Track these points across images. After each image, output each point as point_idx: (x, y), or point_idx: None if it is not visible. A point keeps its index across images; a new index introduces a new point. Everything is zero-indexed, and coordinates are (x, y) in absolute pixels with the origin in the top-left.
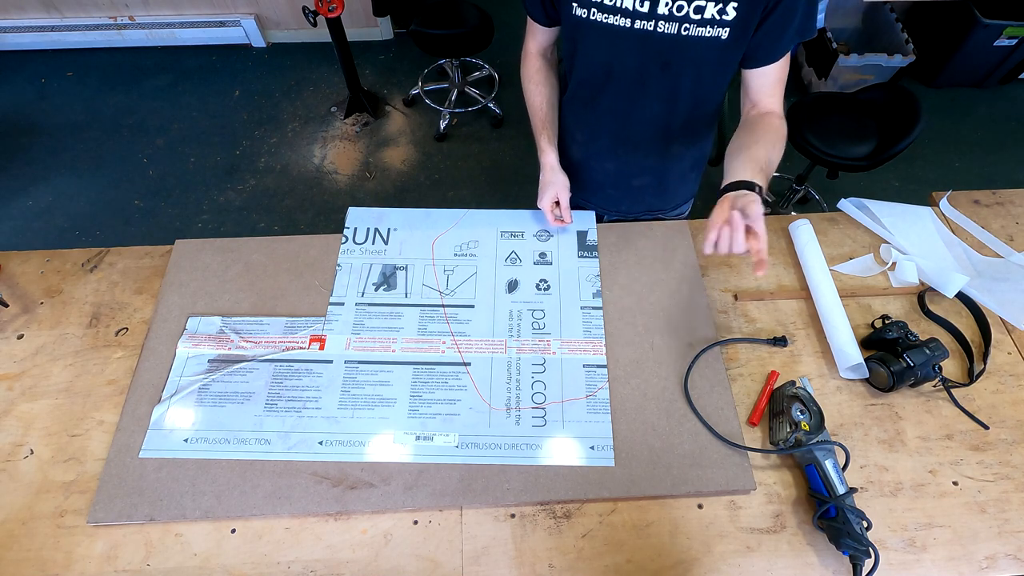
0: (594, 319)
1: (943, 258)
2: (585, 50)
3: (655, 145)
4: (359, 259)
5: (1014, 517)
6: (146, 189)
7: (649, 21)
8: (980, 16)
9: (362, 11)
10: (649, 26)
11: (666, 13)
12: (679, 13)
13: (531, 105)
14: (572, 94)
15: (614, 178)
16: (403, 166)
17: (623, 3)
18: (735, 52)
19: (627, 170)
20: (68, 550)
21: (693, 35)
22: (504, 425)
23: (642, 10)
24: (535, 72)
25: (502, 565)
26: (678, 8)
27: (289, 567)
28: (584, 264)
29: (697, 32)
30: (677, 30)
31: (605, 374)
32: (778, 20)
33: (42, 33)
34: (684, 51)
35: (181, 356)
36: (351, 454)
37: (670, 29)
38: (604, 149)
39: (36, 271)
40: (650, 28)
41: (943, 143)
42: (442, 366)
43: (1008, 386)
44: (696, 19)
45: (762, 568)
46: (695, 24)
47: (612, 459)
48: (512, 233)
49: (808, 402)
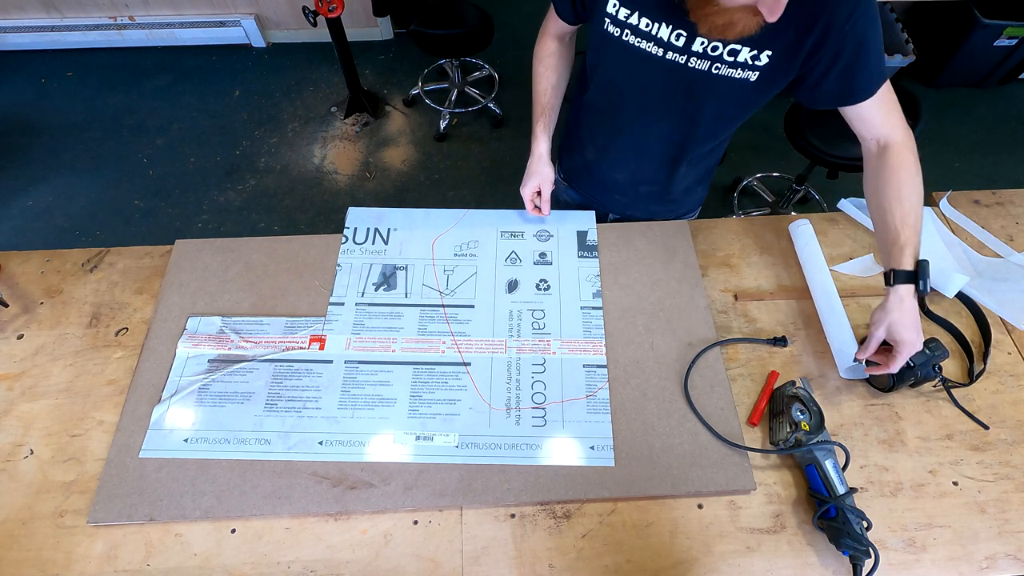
0: (594, 319)
1: (943, 258)
2: (611, 65)
3: (668, 161)
4: (359, 259)
5: (1014, 517)
6: (146, 189)
7: (682, 55)
8: (980, 16)
9: (362, 11)
10: (681, 59)
11: (700, 51)
12: (713, 53)
13: (536, 87)
14: (591, 99)
15: (623, 185)
16: (403, 166)
17: (658, 32)
18: (762, 94)
19: (637, 179)
20: (68, 550)
21: (723, 74)
22: (504, 425)
23: (676, 44)
24: (548, 55)
25: (502, 565)
26: (713, 48)
27: (289, 567)
28: (584, 264)
29: (727, 72)
30: (708, 68)
31: (605, 374)
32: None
33: (42, 33)
34: (711, 86)
35: (181, 356)
36: (351, 454)
37: (701, 66)
38: (617, 159)
39: (36, 271)
40: (681, 61)
41: (943, 143)
42: (442, 366)
43: (1008, 386)
44: (729, 60)
45: (762, 568)
46: (727, 65)
47: (612, 459)
48: (512, 233)
49: (808, 402)
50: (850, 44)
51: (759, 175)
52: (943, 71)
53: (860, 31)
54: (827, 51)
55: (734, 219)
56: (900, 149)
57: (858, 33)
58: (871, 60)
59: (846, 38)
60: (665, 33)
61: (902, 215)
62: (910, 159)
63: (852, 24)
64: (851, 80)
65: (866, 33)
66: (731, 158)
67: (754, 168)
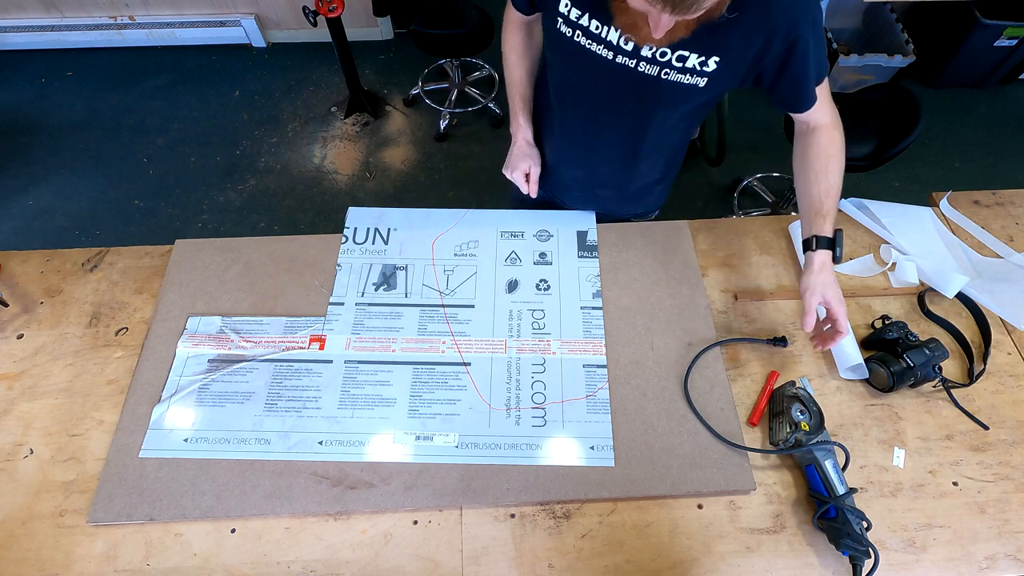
0: (594, 319)
1: (943, 258)
2: (564, 65)
3: (621, 161)
4: (359, 259)
5: (1014, 518)
6: (146, 189)
7: (631, 59)
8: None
9: (362, 11)
10: (630, 63)
11: (648, 56)
12: (661, 58)
13: (510, 77)
14: (549, 98)
15: (581, 183)
16: (403, 166)
17: (608, 35)
18: (710, 99)
19: (593, 178)
20: (68, 550)
21: (671, 80)
22: (504, 425)
23: (626, 48)
24: (516, 43)
25: (502, 565)
26: (661, 54)
27: (289, 567)
28: (584, 264)
29: (676, 78)
30: (657, 73)
31: (605, 374)
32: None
33: (42, 33)
34: (660, 92)
35: (181, 356)
36: (351, 454)
37: (650, 71)
38: (573, 158)
39: (36, 271)
40: (631, 65)
41: (943, 143)
42: (442, 366)
43: (1008, 387)
44: (677, 66)
45: (762, 568)
46: (675, 71)
47: (612, 459)
48: (512, 233)
49: (808, 402)
50: (796, 53)
51: (759, 175)
52: (943, 71)
53: (804, 40)
54: (771, 59)
55: (734, 219)
56: (829, 129)
57: (801, 42)
58: (814, 69)
59: (790, 46)
60: (614, 37)
61: (826, 187)
62: (837, 138)
63: (794, 33)
64: (796, 88)
65: (808, 43)
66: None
67: (754, 168)
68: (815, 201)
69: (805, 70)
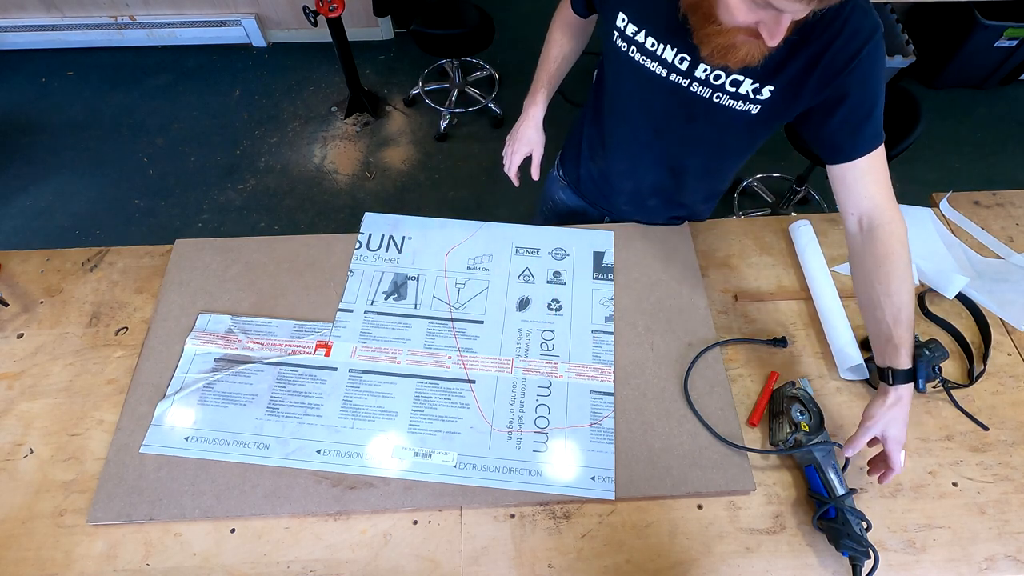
0: (605, 344)
1: (943, 259)
2: (617, 77)
3: (670, 177)
4: (372, 266)
5: (1014, 518)
6: (146, 189)
7: (685, 79)
8: (981, 17)
9: (362, 11)
10: (684, 83)
11: (702, 77)
12: (715, 81)
13: (546, 51)
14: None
15: (628, 193)
16: (403, 166)
17: (663, 53)
18: (762, 128)
19: (641, 188)
20: (68, 550)
21: (724, 104)
22: (504, 447)
23: (680, 67)
24: (566, 24)
25: (502, 565)
26: (715, 76)
27: (288, 567)
28: (599, 286)
29: (728, 103)
30: (710, 95)
31: (612, 402)
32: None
33: (42, 32)
34: (711, 114)
35: (188, 352)
36: (348, 465)
37: (703, 92)
38: (623, 169)
39: (36, 270)
40: (684, 84)
41: (943, 144)
42: (446, 382)
43: (1008, 387)
44: (731, 91)
45: (761, 569)
46: (728, 95)
47: (613, 492)
48: (527, 249)
49: (808, 403)
50: (853, 92)
51: (759, 175)
52: (943, 72)
53: (860, 78)
54: (828, 94)
55: (734, 219)
56: (886, 234)
57: (857, 80)
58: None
59: (848, 85)
60: (670, 55)
61: (893, 313)
62: (897, 246)
63: (851, 70)
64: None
65: (867, 82)
66: None
67: (754, 168)
68: (883, 329)
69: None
